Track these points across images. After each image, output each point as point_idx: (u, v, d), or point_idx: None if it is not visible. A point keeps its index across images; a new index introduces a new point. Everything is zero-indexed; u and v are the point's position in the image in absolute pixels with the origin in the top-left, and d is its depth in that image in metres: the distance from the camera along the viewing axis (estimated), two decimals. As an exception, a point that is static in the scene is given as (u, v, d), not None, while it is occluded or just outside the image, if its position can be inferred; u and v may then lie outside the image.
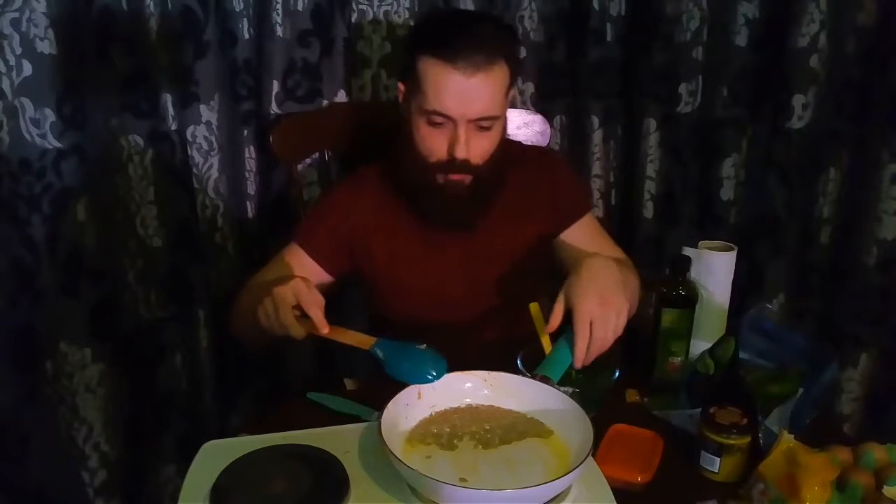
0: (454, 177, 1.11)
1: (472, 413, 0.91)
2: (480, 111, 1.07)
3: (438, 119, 1.08)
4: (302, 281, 0.97)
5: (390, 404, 0.86)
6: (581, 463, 0.76)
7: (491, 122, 1.10)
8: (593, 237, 1.27)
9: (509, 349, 1.03)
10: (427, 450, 0.84)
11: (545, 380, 0.94)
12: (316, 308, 0.95)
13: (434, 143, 1.10)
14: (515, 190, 1.21)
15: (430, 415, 0.90)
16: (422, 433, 0.87)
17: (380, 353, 0.95)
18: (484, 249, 1.21)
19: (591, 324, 0.96)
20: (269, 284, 0.99)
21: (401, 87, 1.16)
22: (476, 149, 1.10)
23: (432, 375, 0.92)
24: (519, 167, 1.22)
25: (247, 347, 1.26)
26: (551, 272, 1.29)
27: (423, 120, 1.10)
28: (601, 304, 0.96)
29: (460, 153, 1.09)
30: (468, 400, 0.93)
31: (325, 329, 0.95)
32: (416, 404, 0.90)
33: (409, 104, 1.12)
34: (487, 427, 0.88)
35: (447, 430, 0.87)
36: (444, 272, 1.22)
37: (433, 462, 0.82)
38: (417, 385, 0.91)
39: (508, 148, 1.18)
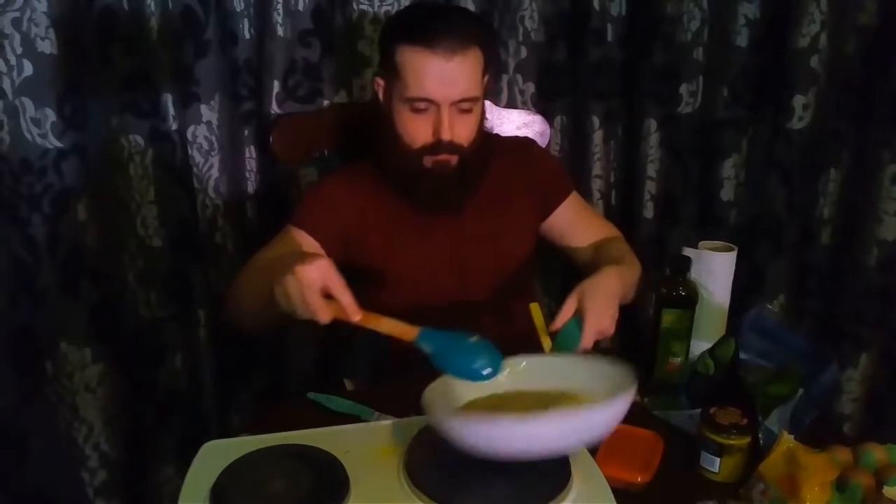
0: (441, 158, 1.14)
1: (500, 401, 0.88)
2: (461, 92, 1.11)
3: (421, 105, 1.11)
4: (328, 261, 0.89)
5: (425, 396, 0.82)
6: (634, 384, 0.76)
7: (471, 104, 1.13)
8: (584, 216, 1.33)
9: (506, 345, 1.03)
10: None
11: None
12: (348, 292, 0.88)
13: (419, 130, 1.14)
14: (498, 177, 1.24)
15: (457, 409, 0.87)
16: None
17: (427, 347, 0.86)
18: (472, 233, 1.24)
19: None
20: (287, 262, 0.91)
21: (379, 82, 1.19)
22: (460, 130, 1.14)
23: (488, 372, 0.85)
24: (499, 157, 1.25)
25: (246, 330, 1.19)
26: (539, 264, 1.34)
27: (407, 108, 1.13)
28: (611, 324, 1.02)
29: (446, 135, 1.12)
30: (492, 391, 0.89)
31: (357, 315, 0.87)
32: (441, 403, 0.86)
33: (390, 96, 1.15)
34: (520, 409, 0.84)
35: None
36: (435, 258, 1.23)
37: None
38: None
39: (488, 137, 1.23)
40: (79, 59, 1.30)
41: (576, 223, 1.31)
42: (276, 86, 1.46)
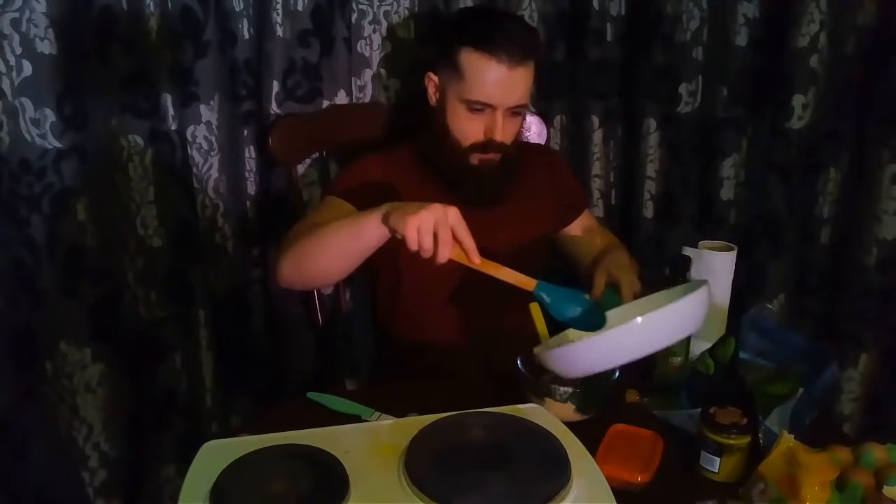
0: (489, 157, 1.23)
1: None
2: (518, 99, 1.20)
3: (479, 107, 1.19)
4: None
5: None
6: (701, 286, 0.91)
7: (522, 108, 1.23)
8: (594, 230, 1.43)
9: (507, 339, 1.06)
10: None
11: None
12: (471, 237, 0.93)
13: (471, 128, 1.21)
14: (527, 178, 1.33)
15: None
16: None
17: (545, 297, 0.97)
18: (501, 226, 1.28)
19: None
20: (395, 206, 0.97)
21: (433, 77, 1.25)
22: (508, 132, 1.23)
23: (596, 325, 0.96)
24: (527, 161, 1.32)
25: (310, 284, 1.23)
26: (548, 266, 1.40)
27: (463, 107, 1.20)
28: (639, 286, 1.14)
29: (498, 136, 1.20)
30: None
31: (477, 259, 0.94)
32: None
33: (446, 93, 1.22)
34: None
35: None
36: None
37: None
38: None
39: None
40: (78, 60, 1.30)
41: (585, 236, 1.41)
42: (276, 86, 1.45)
